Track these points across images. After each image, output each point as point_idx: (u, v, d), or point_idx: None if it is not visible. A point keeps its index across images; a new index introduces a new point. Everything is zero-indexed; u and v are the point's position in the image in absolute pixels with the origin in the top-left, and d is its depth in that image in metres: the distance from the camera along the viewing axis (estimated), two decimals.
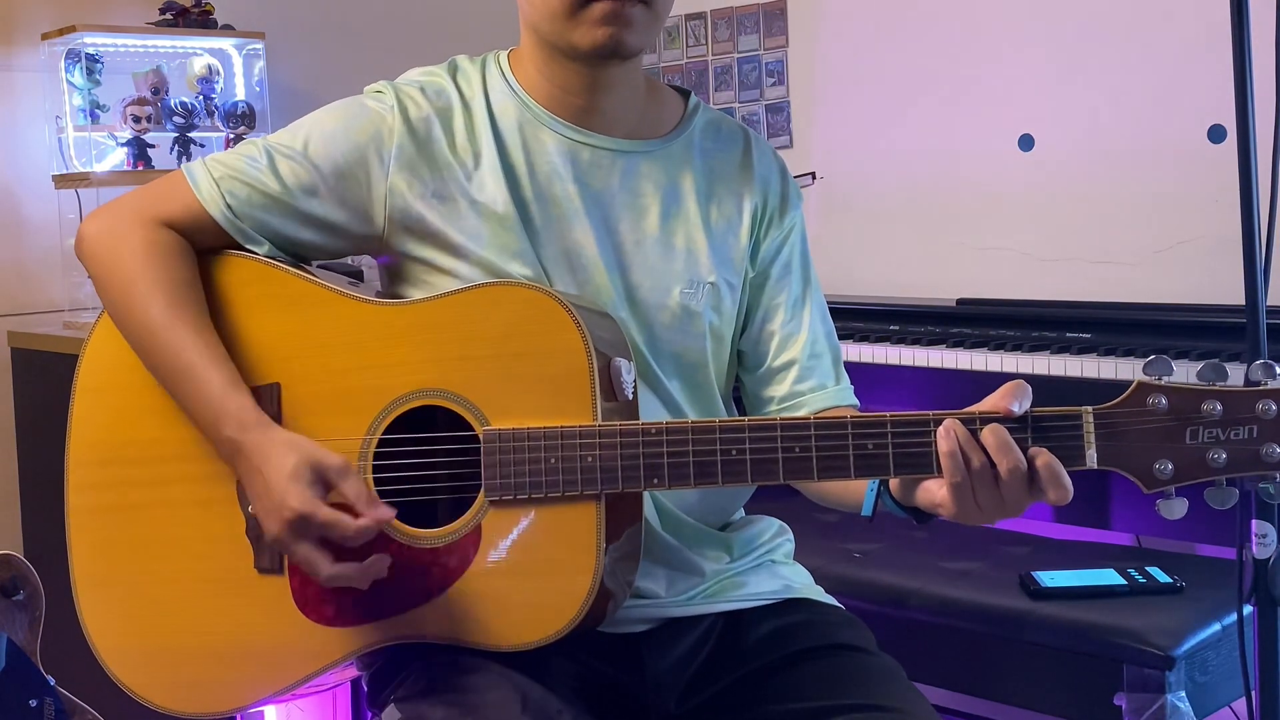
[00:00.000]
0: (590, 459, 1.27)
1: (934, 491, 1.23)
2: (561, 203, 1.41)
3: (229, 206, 1.39)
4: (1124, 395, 1.19)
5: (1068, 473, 1.19)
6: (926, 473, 1.23)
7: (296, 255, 1.44)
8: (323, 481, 1.27)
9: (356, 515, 1.26)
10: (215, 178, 1.40)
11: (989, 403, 1.22)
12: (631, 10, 1.35)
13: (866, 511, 1.34)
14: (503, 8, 1.66)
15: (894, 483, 1.29)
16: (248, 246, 1.41)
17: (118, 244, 1.38)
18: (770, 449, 1.25)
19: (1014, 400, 1.20)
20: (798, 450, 1.24)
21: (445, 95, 1.43)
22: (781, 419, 1.25)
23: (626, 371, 1.31)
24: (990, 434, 1.19)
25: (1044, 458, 1.19)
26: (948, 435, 1.20)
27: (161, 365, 1.35)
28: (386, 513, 1.27)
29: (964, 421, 1.21)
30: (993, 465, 1.19)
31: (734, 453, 1.25)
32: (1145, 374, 1.20)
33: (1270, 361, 1.19)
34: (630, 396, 1.32)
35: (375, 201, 1.40)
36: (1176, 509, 1.19)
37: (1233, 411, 1.17)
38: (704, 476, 1.26)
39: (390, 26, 3.36)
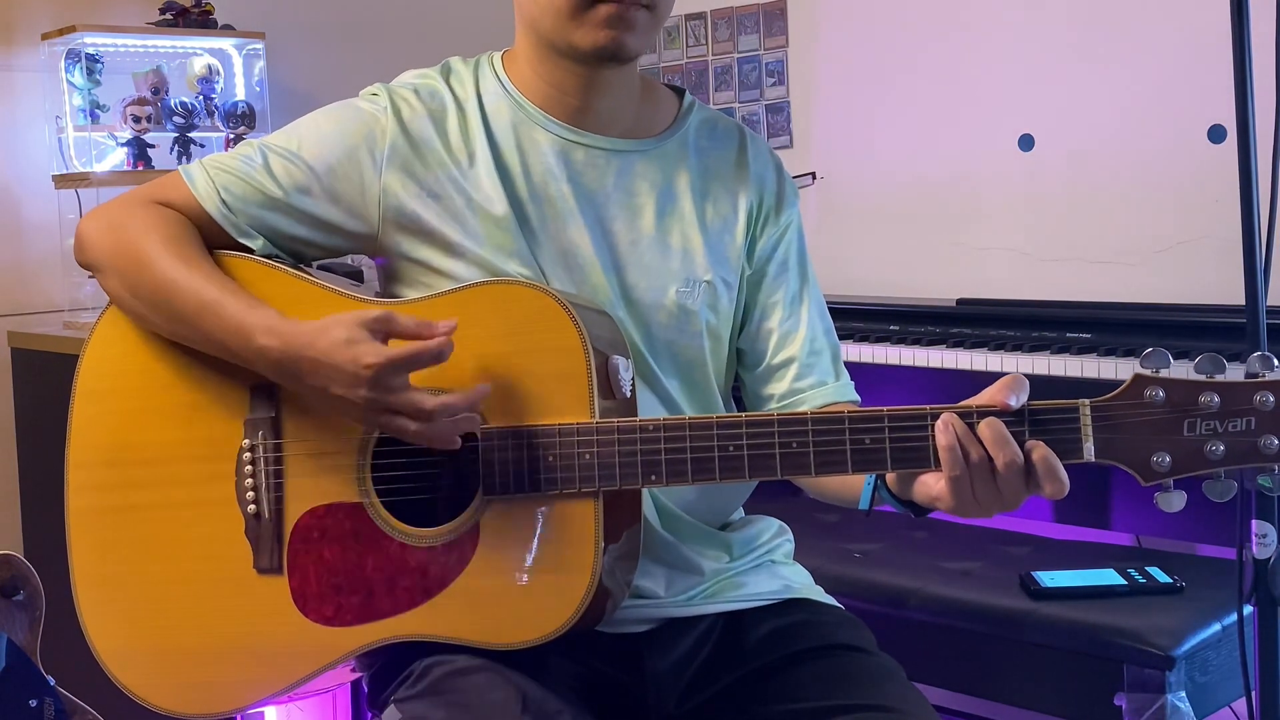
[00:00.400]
0: (588, 456, 1.27)
1: (931, 485, 1.24)
2: (556, 203, 1.41)
3: (224, 202, 1.40)
4: (1121, 388, 1.20)
5: (1065, 466, 1.19)
6: (924, 467, 1.23)
7: (294, 254, 1.44)
8: (379, 332, 1.26)
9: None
10: (211, 176, 1.41)
11: (986, 396, 1.22)
12: (635, 13, 1.35)
13: (864, 505, 1.34)
14: (500, 8, 1.66)
15: (891, 477, 1.30)
16: (242, 241, 1.41)
17: (118, 225, 1.39)
18: (768, 444, 1.25)
19: (1011, 394, 1.20)
20: (795, 445, 1.24)
21: (439, 97, 1.43)
22: (779, 414, 1.25)
23: (624, 369, 1.31)
24: (987, 427, 1.19)
25: (1040, 451, 1.19)
26: (946, 429, 1.20)
27: (181, 316, 1.34)
28: (447, 323, 1.26)
29: (961, 415, 1.21)
30: (990, 459, 1.19)
31: (731, 449, 1.25)
32: (1142, 366, 1.20)
33: (1268, 354, 1.19)
34: (628, 394, 1.32)
35: (368, 201, 1.40)
36: (1175, 501, 1.19)
37: (1230, 403, 1.17)
38: (702, 472, 1.26)
39: (390, 26, 3.36)
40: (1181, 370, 1.20)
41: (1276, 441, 1.16)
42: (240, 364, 1.33)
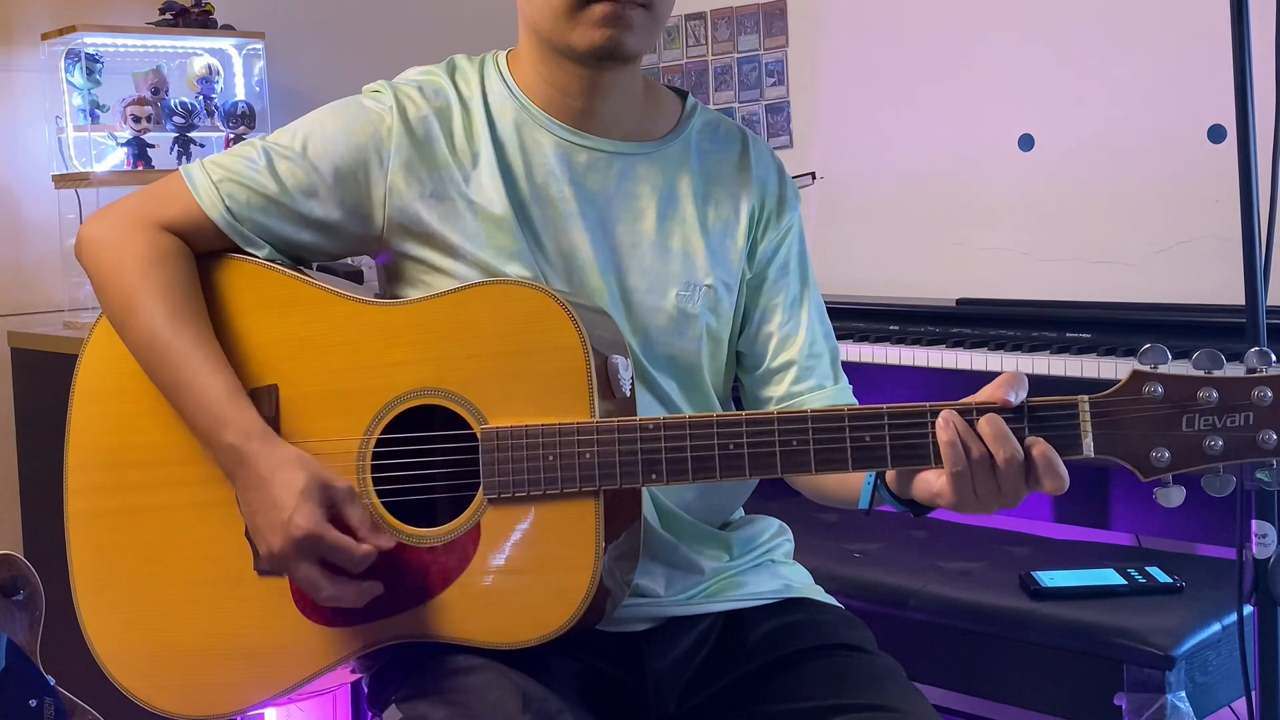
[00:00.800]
0: (588, 455, 1.27)
1: (932, 482, 1.24)
2: (558, 204, 1.41)
3: (229, 210, 1.39)
4: (1120, 384, 1.20)
5: (1064, 462, 1.19)
6: (924, 464, 1.23)
7: (295, 257, 1.44)
8: (329, 503, 1.27)
9: (358, 540, 1.27)
10: (214, 180, 1.40)
11: (985, 393, 1.22)
12: (631, 13, 1.35)
13: (863, 504, 1.34)
14: (502, 8, 1.66)
15: (890, 475, 1.30)
16: (247, 250, 1.41)
17: (118, 250, 1.38)
18: (768, 442, 1.25)
19: (1010, 390, 1.20)
20: (795, 443, 1.24)
21: (444, 95, 1.43)
22: (779, 412, 1.25)
23: (624, 369, 1.31)
24: (986, 423, 1.19)
25: (1040, 447, 1.19)
26: (947, 425, 1.20)
27: (162, 373, 1.35)
28: (387, 540, 1.29)
29: (961, 412, 1.21)
30: (990, 454, 1.19)
31: (731, 447, 1.25)
32: (1141, 362, 1.20)
33: (1265, 349, 1.19)
34: (628, 394, 1.32)
35: (375, 203, 1.40)
36: (1174, 497, 1.20)
37: (1228, 398, 1.17)
38: (702, 471, 1.26)
39: (390, 26, 3.36)
40: (1180, 368, 1.20)
41: (1274, 436, 1.16)
42: (197, 437, 1.34)
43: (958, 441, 1.19)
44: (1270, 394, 1.16)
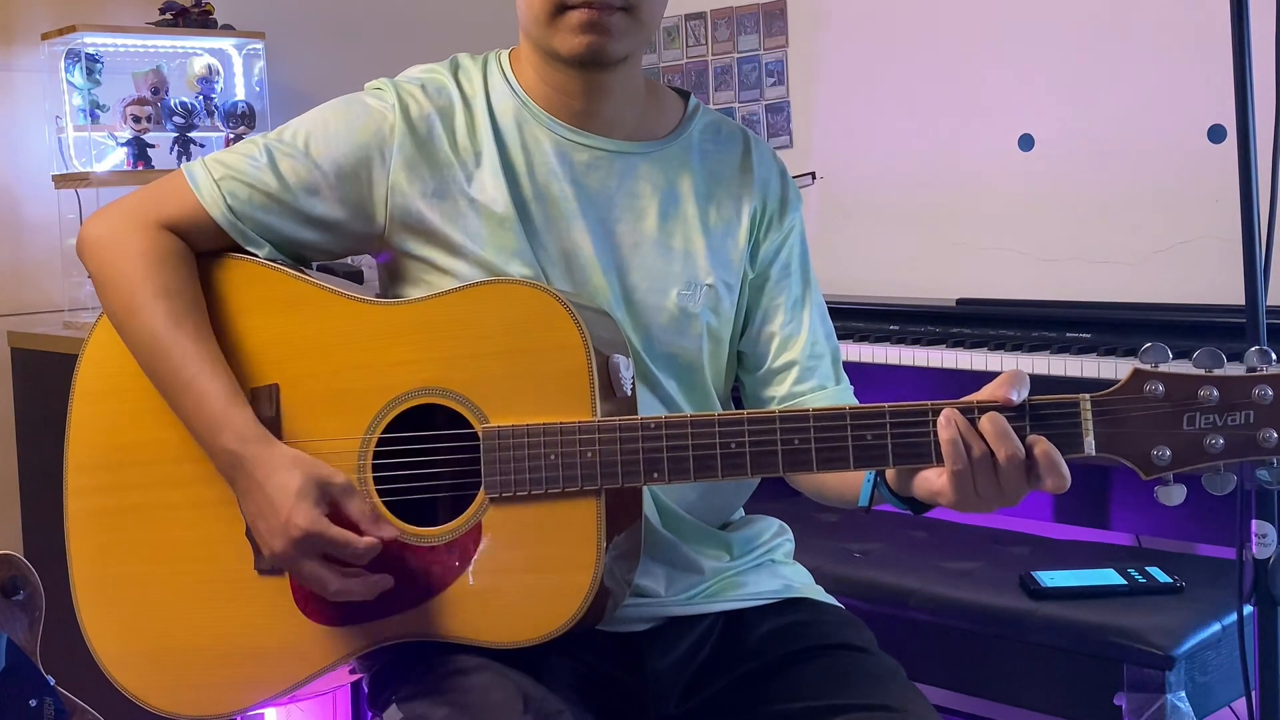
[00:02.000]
0: (590, 454, 1.27)
1: (933, 480, 1.24)
2: (559, 203, 1.41)
3: (230, 208, 1.39)
4: (1121, 382, 1.20)
5: (1066, 461, 1.20)
6: (925, 462, 1.23)
7: (297, 256, 1.44)
8: (328, 499, 1.27)
9: (360, 533, 1.27)
10: (216, 178, 1.39)
11: (986, 392, 1.22)
12: (611, 18, 1.35)
13: (863, 503, 1.34)
14: (503, 8, 1.66)
15: (890, 474, 1.30)
16: (248, 249, 1.40)
17: (119, 249, 1.38)
18: (769, 441, 1.25)
19: (1012, 389, 1.21)
20: (797, 442, 1.24)
21: (446, 93, 1.43)
22: (780, 411, 1.25)
23: (625, 368, 1.31)
24: (989, 422, 1.19)
25: (1042, 445, 1.19)
26: (949, 424, 1.20)
27: (161, 374, 1.35)
28: (390, 530, 1.29)
29: (962, 410, 1.21)
30: (992, 453, 1.19)
31: (733, 445, 1.25)
32: (1142, 361, 1.20)
33: (1266, 348, 1.19)
34: (629, 393, 1.32)
35: (377, 201, 1.40)
36: (1175, 495, 1.20)
37: (1229, 397, 1.17)
38: (704, 470, 1.26)
39: (390, 26, 3.36)
40: (1181, 366, 1.20)
41: (1275, 435, 1.16)
42: (195, 439, 1.35)
43: (959, 440, 1.19)
44: (1271, 392, 1.16)
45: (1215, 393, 1.17)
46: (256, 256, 1.41)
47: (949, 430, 1.20)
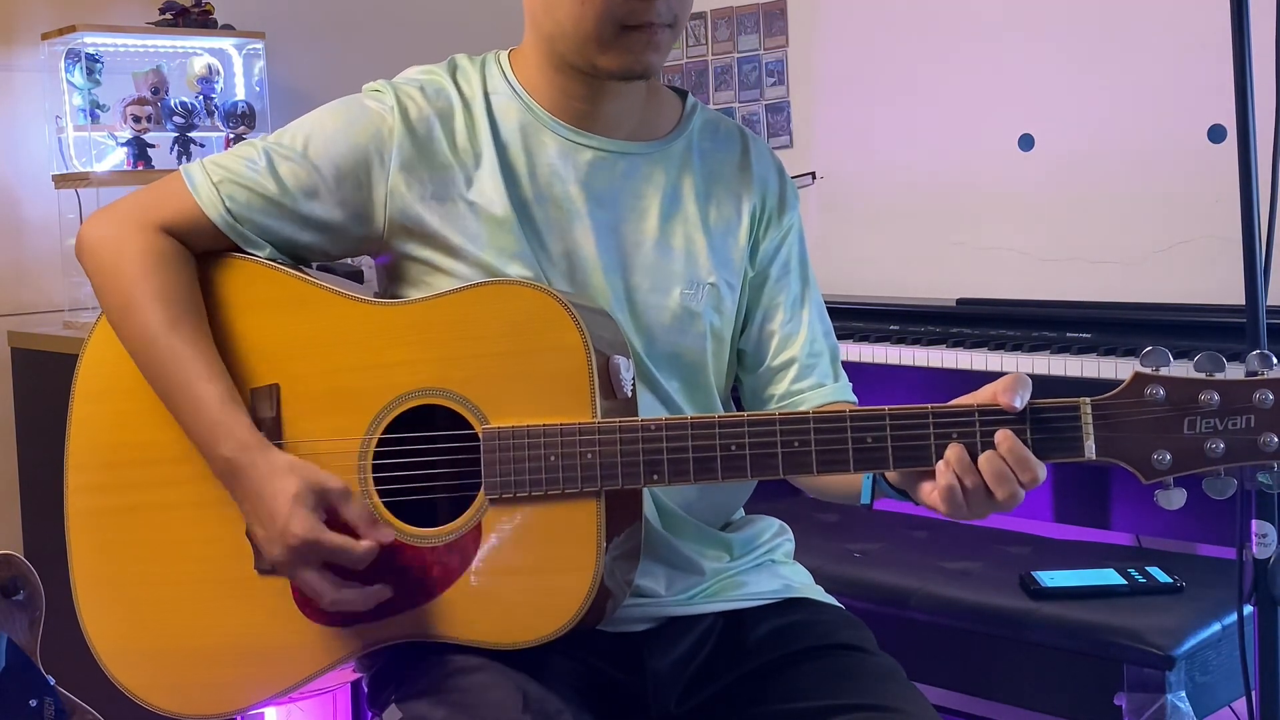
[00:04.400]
0: (590, 456, 1.27)
1: (927, 494, 1.26)
2: (563, 204, 1.41)
3: (229, 210, 1.39)
4: (1121, 386, 1.20)
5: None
6: (925, 464, 1.24)
7: (296, 257, 1.44)
8: (325, 505, 1.28)
9: (358, 537, 1.27)
10: (214, 181, 1.39)
11: (987, 394, 1.23)
12: (661, 35, 1.36)
13: (865, 499, 1.34)
14: (503, 7, 1.66)
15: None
16: (248, 250, 1.40)
17: (117, 251, 1.38)
18: (770, 443, 1.25)
19: (1015, 395, 1.21)
20: (797, 445, 1.24)
21: (445, 95, 1.43)
22: (780, 414, 1.26)
23: (625, 369, 1.31)
24: (986, 463, 1.21)
25: (1008, 443, 1.20)
26: (947, 470, 1.22)
27: (159, 377, 1.35)
28: (388, 534, 1.29)
29: (963, 417, 1.21)
30: (987, 487, 1.22)
31: (733, 448, 1.26)
32: (1142, 365, 1.20)
33: (1267, 352, 1.19)
34: (629, 394, 1.32)
35: (376, 204, 1.40)
36: (1175, 499, 1.20)
37: (1230, 401, 1.17)
38: (704, 472, 1.26)
39: (390, 26, 3.36)
40: (1181, 369, 1.20)
41: (1276, 439, 1.16)
42: (193, 443, 1.34)
43: (956, 487, 1.22)
44: (1271, 397, 1.16)
45: (1216, 397, 1.17)
46: (256, 257, 1.41)
47: (946, 478, 1.22)
